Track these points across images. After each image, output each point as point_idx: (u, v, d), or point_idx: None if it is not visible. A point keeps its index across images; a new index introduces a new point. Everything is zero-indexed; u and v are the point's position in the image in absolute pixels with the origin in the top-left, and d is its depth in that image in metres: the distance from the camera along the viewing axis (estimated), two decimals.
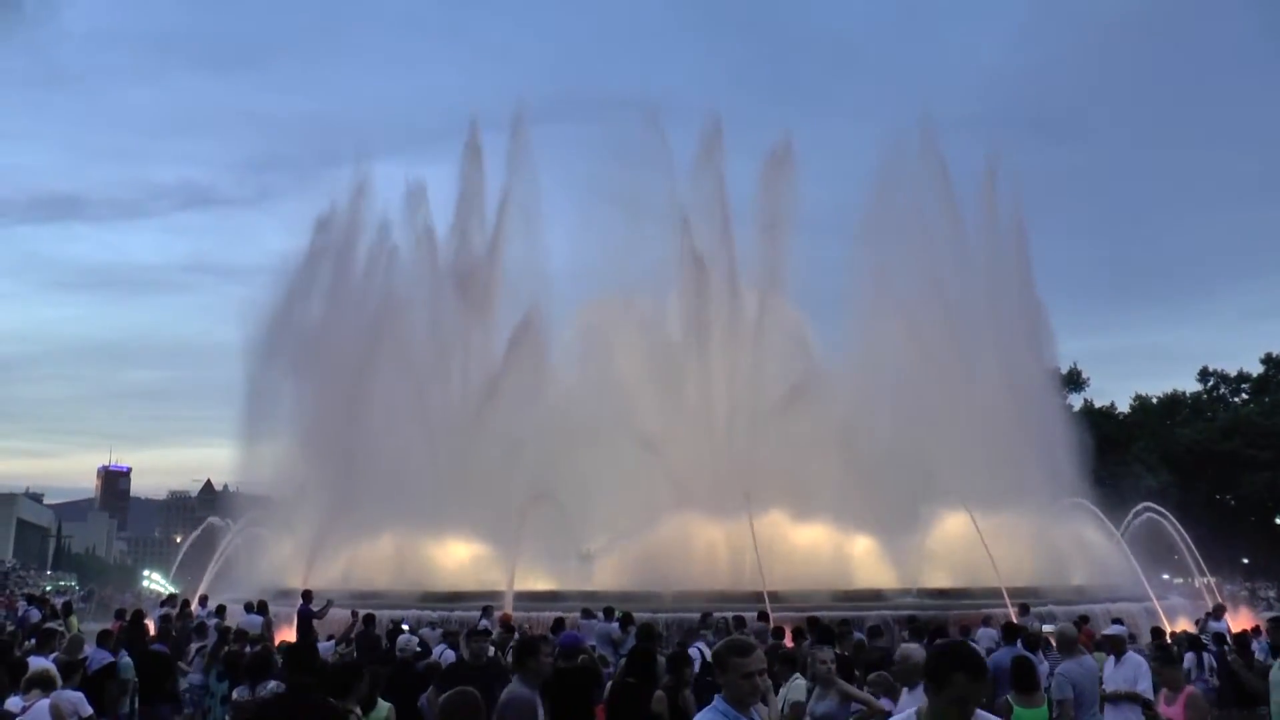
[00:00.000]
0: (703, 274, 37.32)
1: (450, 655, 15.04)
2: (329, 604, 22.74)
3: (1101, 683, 11.35)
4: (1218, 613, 24.27)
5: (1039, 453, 36.15)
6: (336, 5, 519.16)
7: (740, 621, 19.51)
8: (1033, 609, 23.47)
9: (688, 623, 21.31)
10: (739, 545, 28.31)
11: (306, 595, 23.09)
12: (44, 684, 9.48)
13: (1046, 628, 19.50)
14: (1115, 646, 12.14)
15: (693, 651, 13.95)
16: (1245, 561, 64.10)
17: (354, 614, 20.98)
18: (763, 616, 20.04)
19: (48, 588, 75.12)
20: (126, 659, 13.64)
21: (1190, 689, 8.79)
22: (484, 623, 20.79)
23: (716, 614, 20.29)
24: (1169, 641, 20.49)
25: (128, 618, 20.33)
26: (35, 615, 26.12)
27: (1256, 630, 21.13)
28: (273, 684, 9.89)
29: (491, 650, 12.67)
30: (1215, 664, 16.84)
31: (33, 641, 14.02)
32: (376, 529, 30.89)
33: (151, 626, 20.87)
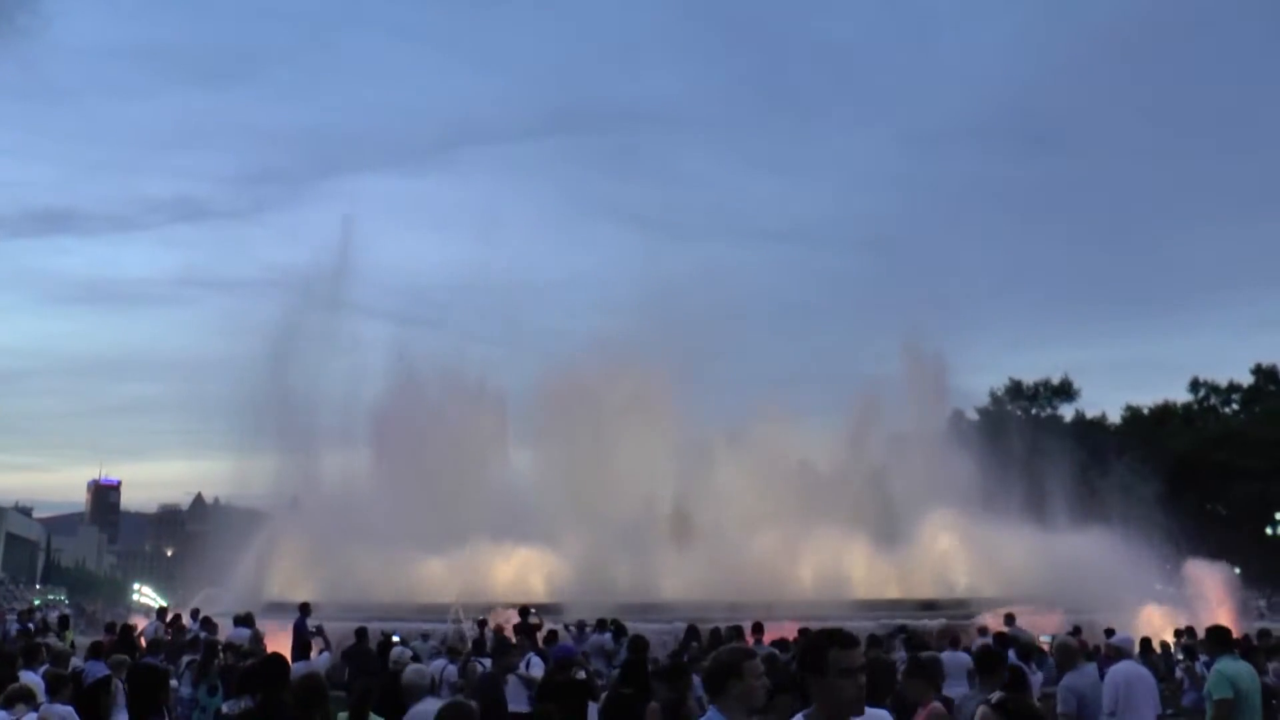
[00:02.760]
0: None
1: (452, 670, 14.94)
2: (320, 629, 22.24)
3: None
4: None
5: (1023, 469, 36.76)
6: (329, 18, 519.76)
7: (737, 632, 19.43)
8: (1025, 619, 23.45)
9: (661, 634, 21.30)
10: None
11: (304, 608, 22.62)
12: (27, 699, 9.39)
13: (1041, 639, 19.52)
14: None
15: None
16: (1237, 572, 64.21)
17: (319, 630, 20.86)
18: (757, 628, 19.87)
19: (36, 602, 74.62)
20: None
21: (933, 704, 7.94)
22: (473, 632, 20.81)
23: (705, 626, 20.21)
24: (1157, 650, 20.54)
25: (117, 631, 20.23)
26: (16, 629, 25.99)
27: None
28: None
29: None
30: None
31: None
32: (368, 544, 31.03)
33: (143, 640, 20.76)
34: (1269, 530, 60.56)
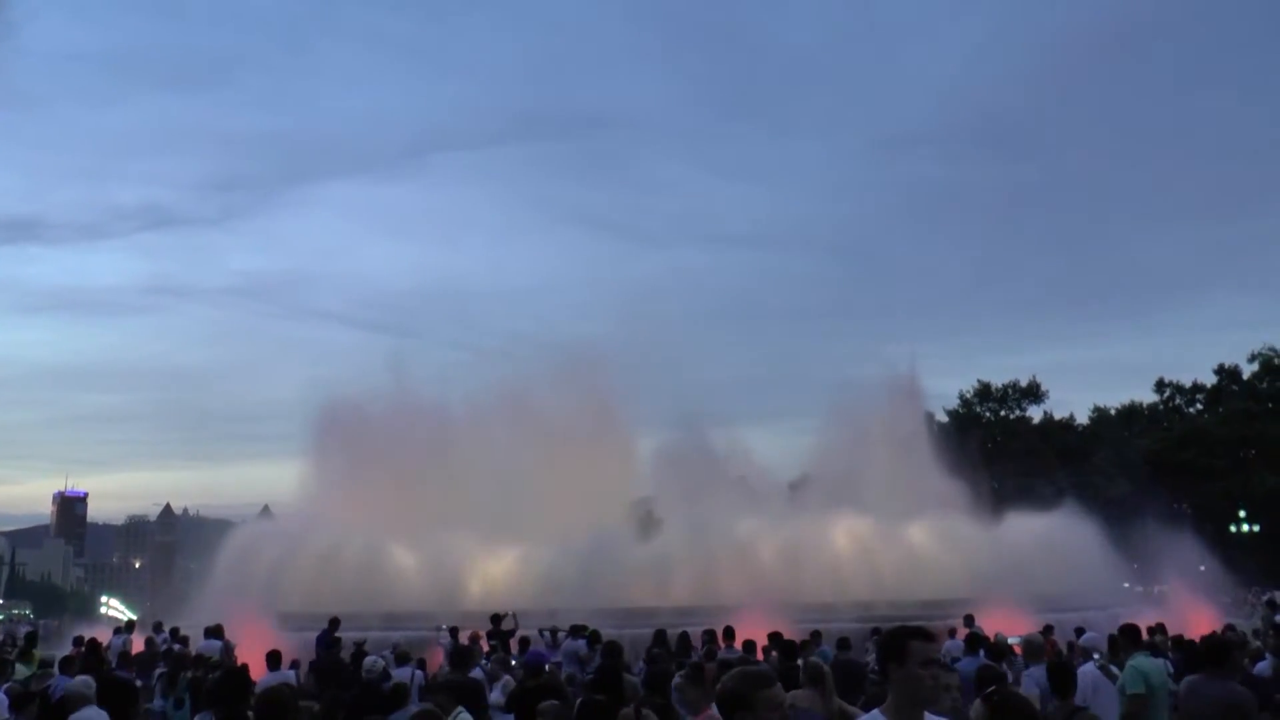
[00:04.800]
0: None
1: (420, 676, 14.90)
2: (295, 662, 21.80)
3: None
4: None
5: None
6: (299, 23, 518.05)
7: (710, 636, 19.40)
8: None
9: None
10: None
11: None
12: None
13: (1011, 639, 19.64)
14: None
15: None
16: (1202, 569, 65.12)
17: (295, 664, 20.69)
18: (729, 633, 19.82)
19: (0, 617, 73.52)
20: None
21: (709, 711, 7.27)
22: (444, 640, 20.71)
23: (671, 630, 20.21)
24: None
25: (85, 645, 19.94)
26: None
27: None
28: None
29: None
30: None
31: None
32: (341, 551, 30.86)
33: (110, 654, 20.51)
34: (1233, 528, 61.39)
